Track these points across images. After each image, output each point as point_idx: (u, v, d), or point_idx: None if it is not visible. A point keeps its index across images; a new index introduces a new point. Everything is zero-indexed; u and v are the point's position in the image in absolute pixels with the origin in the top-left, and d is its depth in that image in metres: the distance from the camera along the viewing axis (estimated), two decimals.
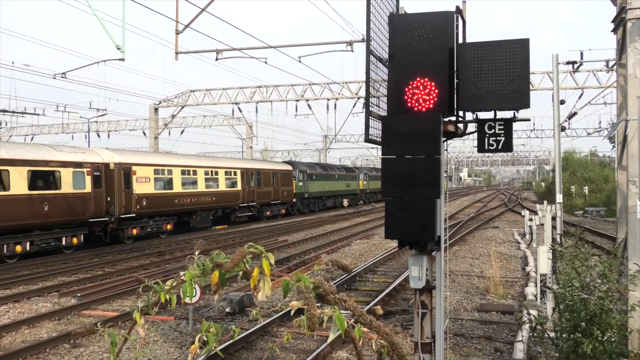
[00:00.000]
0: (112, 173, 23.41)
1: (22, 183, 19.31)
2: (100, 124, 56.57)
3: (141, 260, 20.93)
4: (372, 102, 5.46)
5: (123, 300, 14.13)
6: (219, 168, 31.95)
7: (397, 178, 5.09)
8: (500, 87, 5.17)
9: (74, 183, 21.41)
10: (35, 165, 19.92)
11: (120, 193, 23.81)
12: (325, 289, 2.25)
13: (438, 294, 5.51)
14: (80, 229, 22.23)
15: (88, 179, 22.11)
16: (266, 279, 2.30)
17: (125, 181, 24.14)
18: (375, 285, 15.40)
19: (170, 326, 11.32)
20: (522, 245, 22.72)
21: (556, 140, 14.22)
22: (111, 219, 23.52)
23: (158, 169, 26.58)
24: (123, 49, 19.46)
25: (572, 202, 47.85)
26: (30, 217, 19.51)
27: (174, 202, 27.49)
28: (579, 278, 6.67)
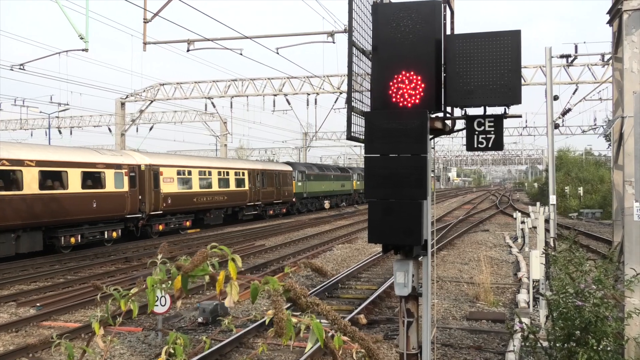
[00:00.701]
0: (144, 174, 27.40)
1: (77, 183, 23.32)
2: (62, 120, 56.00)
3: (106, 266, 20.74)
4: (355, 98, 5.46)
5: (87, 310, 13.99)
6: (230, 169, 36.17)
7: (381, 178, 5.10)
8: (490, 82, 5.21)
9: (115, 183, 25.33)
10: (86, 167, 23.89)
11: (150, 192, 27.89)
12: (296, 292, 2.24)
13: (425, 302, 5.54)
14: (118, 224, 26.10)
15: (126, 179, 25.99)
16: (234, 283, 2.28)
17: (154, 181, 28.17)
18: (359, 292, 15.43)
19: (138, 338, 11.22)
20: (513, 250, 22.93)
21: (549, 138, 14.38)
22: (143, 216, 27.41)
23: (180, 170, 30.68)
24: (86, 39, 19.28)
25: (566, 204, 48.42)
26: (82, 212, 23.51)
27: (192, 200, 31.66)
28: (573, 284, 6.73)
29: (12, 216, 20.26)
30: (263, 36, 24.81)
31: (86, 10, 19.07)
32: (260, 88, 40.95)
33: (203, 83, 42.00)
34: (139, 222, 27.49)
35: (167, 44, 25.89)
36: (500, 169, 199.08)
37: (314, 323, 2.20)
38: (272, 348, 10.26)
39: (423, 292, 5.53)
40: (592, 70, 34.76)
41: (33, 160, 21.49)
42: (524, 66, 35.32)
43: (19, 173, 20.88)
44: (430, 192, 5.35)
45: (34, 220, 21.29)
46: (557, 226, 13.71)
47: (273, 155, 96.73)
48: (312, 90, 40.20)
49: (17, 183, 20.85)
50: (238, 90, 41.39)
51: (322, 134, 71.70)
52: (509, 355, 8.97)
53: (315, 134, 61.67)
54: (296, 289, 2.26)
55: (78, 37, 19.37)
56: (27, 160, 21.25)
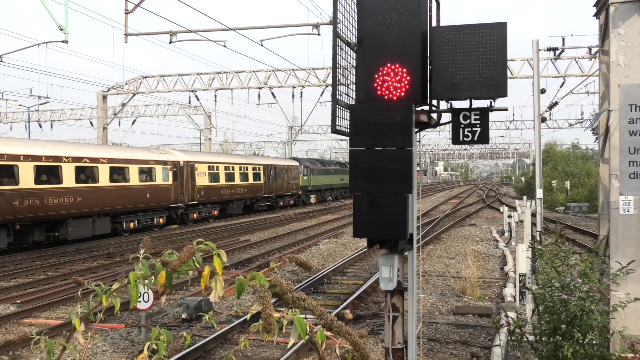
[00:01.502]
0: (183, 169, 32.30)
1: (135, 177, 28.21)
2: (42, 113, 55.49)
3: (88, 262, 20.63)
4: (340, 90, 5.46)
5: (68, 306, 13.90)
6: (249, 164, 41.35)
7: (366, 172, 5.11)
8: (476, 74, 5.23)
9: (162, 177, 30.26)
10: (141, 163, 28.79)
11: (188, 185, 32.77)
12: (282, 287, 2.24)
13: (410, 296, 5.56)
14: (164, 212, 31.15)
15: (170, 174, 30.92)
16: (218, 278, 2.27)
17: (190, 175, 33.06)
18: (345, 287, 15.47)
19: (121, 335, 11.18)
20: (500, 244, 23.08)
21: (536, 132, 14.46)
22: (182, 205, 32.36)
23: (210, 165, 35.70)
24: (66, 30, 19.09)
25: (553, 198, 48.79)
26: (139, 202, 28.51)
27: (220, 192, 36.77)
28: (559, 278, 6.79)
29: (90, 204, 25.00)
30: (247, 28, 24.73)
31: (66, 1, 18.88)
32: (245, 81, 40.83)
33: (186, 76, 41.81)
34: (178, 211, 32.57)
35: (149, 36, 25.74)
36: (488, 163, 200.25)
37: (297, 318, 2.21)
38: (256, 344, 10.26)
39: (408, 287, 5.55)
40: (579, 63, 35.01)
41: (105, 158, 26.23)
42: (511, 59, 35.49)
43: (95, 169, 25.52)
44: (415, 186, 5.37)
45: (106, 208, 26.12)
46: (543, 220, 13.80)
47: (258, 150, 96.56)
48: (298, 83, 40.14)
49: (94, 177, 25.49)
50: (222, 83, 41.24)
51: (308, 127, 71.69)
52: (495, 349, 9.04)
53: (301, 128, 61.71)
54: (282, 284, 2.26)
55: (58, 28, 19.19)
56: (101, 158, 26.03)
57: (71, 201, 23.88)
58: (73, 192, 24.03)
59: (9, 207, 20.90)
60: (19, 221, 21.62)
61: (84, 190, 24.59)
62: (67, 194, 23.68)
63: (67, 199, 23.64)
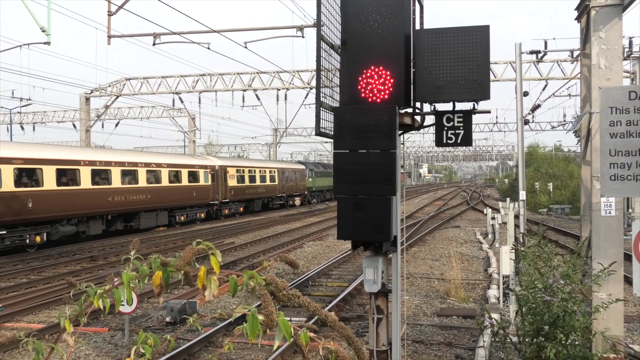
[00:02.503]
0: (218, 172, 38.69)
1: (186, 179, 34.80)
2: (25, 115, 54.95)
3: (71, 266, 20.46)
4: (324, 93, 5.47)
5: (50, 310, 13.77)
6: (266, 168, 47.93)
7: (350, 174, 5.12)
8: (459, 77, 5.26)
9: (204, 179, 36.75)
10: (190, 168, 35.39)
11: (222, 185, 39.15)
12: (277, 285, 2.25)
13: (394, 298, 5.58)
14: (204, 208, 37.41)
15: (209, 176, 37.40)
16: (213, 277, 2.29)
17: (223, 178, 39.41)
18: (329, 290, 15.47)
19: (104, 338, 11.10)
20: (484, 246, 23.21)
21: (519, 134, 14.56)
22: (217, 203, 38.68)
23: (238, 169, 42.25)
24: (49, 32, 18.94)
25: (536, 200, 49.16)
26: (188, 199, 35.02)
27: (245, 192, 43.35)
28: (541, 279, 6.83)
29: (156, 200, 31.35)
30: (231, 30, 24.66)
31: (48, 2, 18.73)
32: (229, 83, 40.74)
33: (170, 78, 41.63)
34: (214, 207, 38.69)
35: (133, 38, 25.60)
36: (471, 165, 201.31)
37: (281, 320, 2.21)
38: (240, 347, 10.23)
39: (393, 289, 5.57)
40: (561, 66, 35.32)
41: (166, 163, 33.02)
42: (494, 62, 35.74)
43: (159, 172, 32.16)
44: (400, 188, 5.39)
45: (165, 204, 32.50)
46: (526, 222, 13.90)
47: (243, 152, 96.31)
48: (282, 85, 40.12)
49: (159, 179, 32.06)
50: (206, 85, 41.12)
51: (292, 130, 71.57)
52: (479, 350, 9.09)
53: (286, 130, 61.57)
54: (277, 282, 2.27)
55: (40, 29, 19.02)
56: (163, 163, 32.78)
57: (143, 198, 30.37)
58: (145, 190, 30.55)
59: (105, 202, 27.34)
60: (110, 213, 27.99)
61: (152, 189, 31.16)
62: (141, 192, 30.17)
63: (141, 196, 30.13)
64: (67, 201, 24.79)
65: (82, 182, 25.91)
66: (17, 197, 22.09)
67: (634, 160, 4.88)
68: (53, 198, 23.96)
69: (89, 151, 29.32)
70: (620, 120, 4.92)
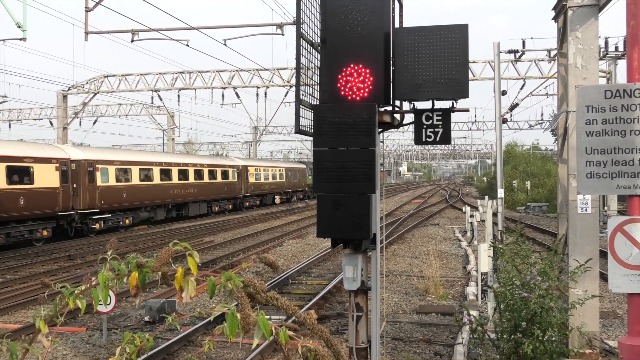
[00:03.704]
0: (241, 171, 46.91)
1: (219, 176, 42.65)
2: (0, 113, 54.17)
3: (48, 265, 20.24)
4: (304, 91, 5.47)
5: (27, 310, 13.61)
6: (276, 167, 56.52)
7: (330, 172, 5.12)
8: (438, 75, 5.29)
9: (232, 176, 44.89)
10: (223, 167, 43.60)
11: (244, 182, 47.35)
12: (255, 287, 2.24)
13: (374, 296, 5.60)
14: (232, 200, 45.24)
15: (236, 174, 45.68)
16: (191, 279, 2.27)
17: (245, 175, 47.61)
18: (309, 288, 15.49)
19: (82, 338, 10.99)
20: (463, 243, 23.38)
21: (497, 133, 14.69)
22: (241, 196, 46.78)
23: (256, 168, 50.48)
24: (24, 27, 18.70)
25: (514, 198, 49.61)
26: (221, 193, 43.11)
27: (261, 187, 51.32)
28: (519, 276, 6.91)
29: (200, 194, 39.49)
30: (210, 27, 24.53)
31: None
32: (209, 81, 40.54)
33: (149, 75, 41.31)
34: (237, 201, 46.29)
35: (111, 34, 25.36)
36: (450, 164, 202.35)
37: (260, 318, 2.21)
38: (220, 345, 10.20)
39: (372, 286, 5.59)
40: (539, 65, 35.63)
41: (206, 164, 41.23)
42: (473, 61, 35.96)
43: (202, 171, 39.94)
44: (379, 186, 5.41)
45: (205, 197, 40.48)
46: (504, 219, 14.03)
47: (222, 150, 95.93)
48: (262, 83, 40.01)
49: (202, 176, 39.97)
50: (185, 82, 40.87)
51: (272, 128, 71.50)
52: (457, 347, 9.15)
53: (266, 128, 61.35)
54: (255, 284, 2.27)
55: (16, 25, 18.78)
56: (205, 164, 41.02)
57: (192, 192, 38.43)
58: (193, 186, 38.65)
59: (167, 194, 35.44)
60: (170, 203, 36.07)
61: (197, 184, 39.13)
62: (190, 187, 38.37)
63: (190, 190, 38.20)
64: (145, 193, 33.30)
65: (155, 179, 34.45)
66: (118, 190, 30.70)
67: (610, 159, 4.94)
68: (138, 190, 32.52)
69: (158, 155, 40.20)
70: (596, 118, 4.98)
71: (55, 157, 26.37)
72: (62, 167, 26.47)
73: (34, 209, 24.58)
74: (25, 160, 24.45)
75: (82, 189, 27.79)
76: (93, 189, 28.52)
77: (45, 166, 25.48)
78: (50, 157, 26.04)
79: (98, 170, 29.12)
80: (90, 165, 28.54)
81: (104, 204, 29.23)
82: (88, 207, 28.10)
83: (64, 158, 26.96)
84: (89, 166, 28.40)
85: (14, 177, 23.81)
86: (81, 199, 27.65)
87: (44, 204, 25.21)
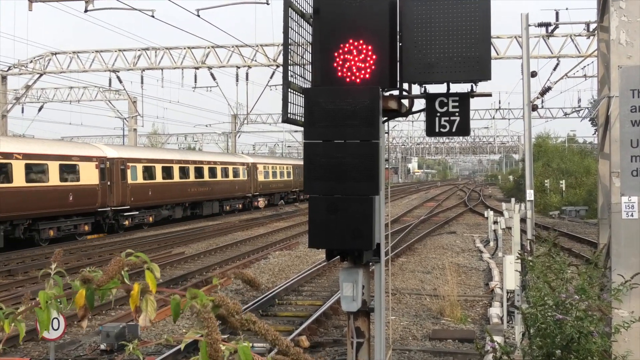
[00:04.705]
0: (251, 169, 53.45)
1: (232, 174, 49.58)
2: None
3: None
4: (293, 72, 5.47)
5: None
6: (284, 164, 64.01)
7: (324, 169, 5.12)
8: (454, 53, 5.29)
9: (242, 174, 51.52)
10: (234, 165, 50.34)
11: (253, 180, 53.73)
12: (228, 308, 2.21)
13: (377, 318, 5.60)
14: (243, 199, 52.11)
15: (246, 172, 52.34)
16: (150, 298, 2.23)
17: (255, 174, 54.00)
18: (300, 309, 15.49)
19: None
20: (484, 255, 23.43)
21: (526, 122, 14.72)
22: (251, 195, 53.35)
23: (264, 165, 57.73)
24: None
25: (546, 200, 49.76)
26: (233, 192, 49.63)
27: (269, 186, 58.40)
28: (552, 294, 6.91)
29: (213, 192, 45.88)
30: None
31: None
32: (178, 59, 40.50)
33: (106, 52, 41.25)
34: (247, 200, 52.87)
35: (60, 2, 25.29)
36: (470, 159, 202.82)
37: (241, 347, 2.19)
38: None
39: (375, 307, 5.59)
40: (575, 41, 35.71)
41: (219, 161, 48.26)
42: (497, 36, 36.05)
43: (215, 169, 46.52)
44: (383, 187, 5.41)
45: (219, 195, 47.10)
46: (535, 226, 14.06)
47: (195, 143, 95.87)
48: (243, 62, 40.02)
49: (215, 174, 46.58)
50: (150, 61, 40.81)
51: (255, 116, 71.56)
52: None
53: (247, 116, 61.54)
54: (228, 304, 2.24)
55: None
56: (217, 161, 48.08)
57: (207, 190, 44.97)
58: (208, 184, 45.02)
59: (185, 192, 42.03)
60: (188, 201, 42.72)
61: (211, 182, 45.61)
62: (206, 185, 44.72)
63: (205, 188, 44.71)
64: (167, 191, 39.51)
65: (175, 177, 40.73)
66: (144, 187, 36.99)
67: None
68: (161, 188, 38.80)
69: (177, 152, 49.54)
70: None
71: (95, 156, 33.04)
72: (100, 165, 32.90)
73: (79, 205, 31.07)
74: (73, 159, 31.08)
75: (116, 186, 34.14)
76: (125, 186, 34.86)
77: (88, 164, 32.13)
78: (91, 156, 32.72)
79: (129, 169, 35.54)
80: (122, 163, 34.97)
81: (134, 201, 35.51)
82: (120, 204, 34.35)
83: (101, 156, 33.44)
84: (121, 164, 34.81)
85: (64, 175, 30.33)
86: (114, 196, 33.87)
87: (87, 200, 31.70)
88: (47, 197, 28.55)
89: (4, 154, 26.74)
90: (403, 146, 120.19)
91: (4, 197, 26.21)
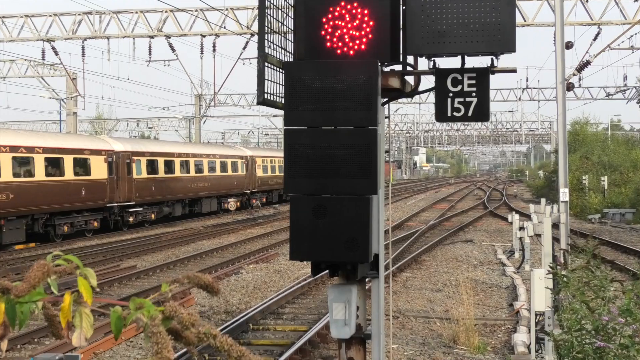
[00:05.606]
0: (249, 163, 58.36)
1: (230, 168, 55.41)
2: None
3: None
4: (272, 41, 5.46)
5: None
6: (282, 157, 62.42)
7: (310, 163, 5.12)
8: (470, 19, 5.30)
9: (241, 169, 57.07)
10: (232, 158, 55.99)
11: (252, 175, 58.77)
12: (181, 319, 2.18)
13: (375, 347, 5.61)
14: (240, 196, 55.66)
15: (245, 166, 57.32)
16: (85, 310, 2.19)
17: (253, 168, 59.17)
18: (280, 336, 15.49)
19: None
20: (508, 269, 23.49)
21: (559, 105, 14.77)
22: (248, 192, 58.09)
23: (263, 159, 63.05)
24: None
25: (584, 201, 49.91)
26: (232, 188, 55.06)
27: (268, 182, 63.62)
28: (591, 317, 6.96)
29: (213, 188, 51.31)
30: None
31: None
32: (129, 26, 40.39)
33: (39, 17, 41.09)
34: (244, 197, 57.20)
35: None
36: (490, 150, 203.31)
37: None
38: None
39: (373, 333, 5.60)
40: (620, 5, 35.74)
41: (218, 154, 53.79)
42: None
43: (214, 163, 52.16)
44: (383, 184, 5.42)
45: (218, 191, 52.24)
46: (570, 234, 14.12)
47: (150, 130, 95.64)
48: (209, 30, 39.95)
49: (215, 169, 52.16)
50: (93, 29, 40.68)
51: (224, 97, 71.56)
52: None
53: (215, 97, 61.36)
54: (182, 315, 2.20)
55: None
56: (217, 154, 53.67)
57: (207, 185, 50.20)
58: (207, 179, 50.42)
59: (186, 188, 47.24)
60: (188, 198, 48.24)
61: (211, 178, 50.88)
62: (205, 180, 50.17)
63: (205, 184, 50.03)
64: (169, 186, 44.93)
65: (176, 171, 46.14)
66: (148, 182, 42.21)
67: None
68: (162, 183, 43.95)
69: (180, 145, 54.44)
70: None
71: (104, 149, 38.12)
72: (108, 159, 37.94)
73: (90, 200, 36.20)
74: (84, 152, 36.15)
75: (122, 181, 39.18)
76: (130, 181, 40.05)
77: (98, 158, 37.18)
78: (100, 149, 37.80)
79: (134, 163, 40.64)
80: (128, 157, 40.00)
81: (138, 196, 40.73)
82: (126, 200, 39.44)
83: (109, 150, 38.52)
84: (127, 158, 39.82)
85: (77, 169, 35.38)
86: (121, 191, 38.86)
87: (97, 195, 36.71)
88: (63, 191, 33.91)
89: (27, 148, 32.13)
90: (408, 134, 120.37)
91: (27, 191, 31.40)
